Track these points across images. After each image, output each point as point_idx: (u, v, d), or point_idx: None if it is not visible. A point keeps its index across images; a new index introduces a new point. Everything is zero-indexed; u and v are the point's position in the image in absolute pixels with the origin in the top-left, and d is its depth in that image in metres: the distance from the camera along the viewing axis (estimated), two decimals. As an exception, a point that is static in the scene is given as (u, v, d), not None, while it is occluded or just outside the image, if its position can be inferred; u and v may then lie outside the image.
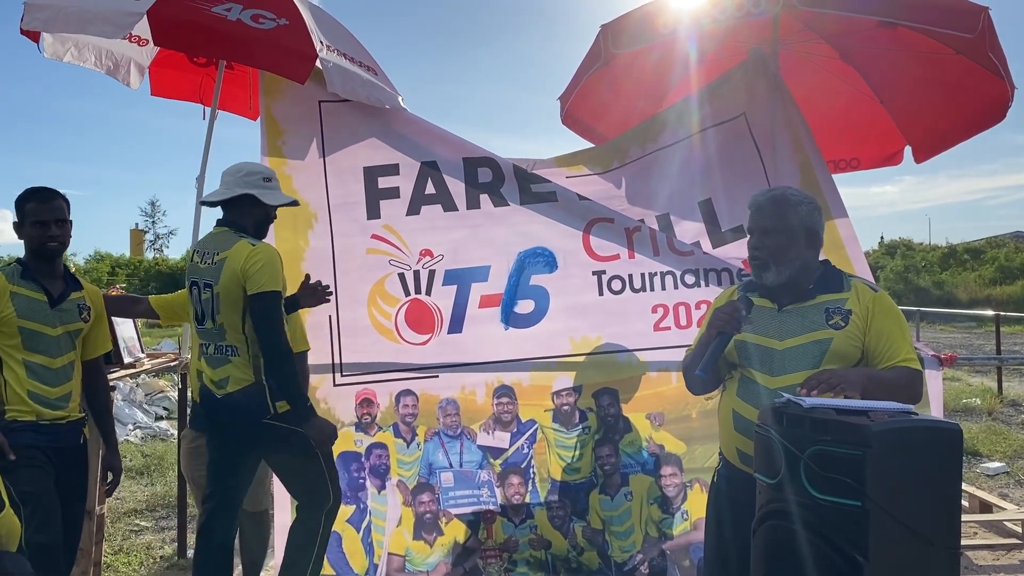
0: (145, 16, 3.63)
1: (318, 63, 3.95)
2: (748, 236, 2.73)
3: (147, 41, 4.91)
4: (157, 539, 5.14)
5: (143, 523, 5.51)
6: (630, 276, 4.24)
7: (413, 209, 4.28)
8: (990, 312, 15.24)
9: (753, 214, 2.70)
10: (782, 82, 4.36)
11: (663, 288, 4.20)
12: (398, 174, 4.28)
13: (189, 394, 3.96)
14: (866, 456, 1.73)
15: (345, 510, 4.11)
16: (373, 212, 4.28)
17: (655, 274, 4.21)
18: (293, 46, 3.90)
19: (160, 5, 3.68)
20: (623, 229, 4.24)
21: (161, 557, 4.81)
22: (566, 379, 4.20)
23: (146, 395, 9.59)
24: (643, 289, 4.21)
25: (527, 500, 4.13)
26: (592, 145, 4.96)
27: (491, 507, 4.14)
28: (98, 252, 40.43)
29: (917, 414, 1.89)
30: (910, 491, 1.73)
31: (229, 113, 5.30)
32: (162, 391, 9.89)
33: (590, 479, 4.13)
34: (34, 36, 4.29)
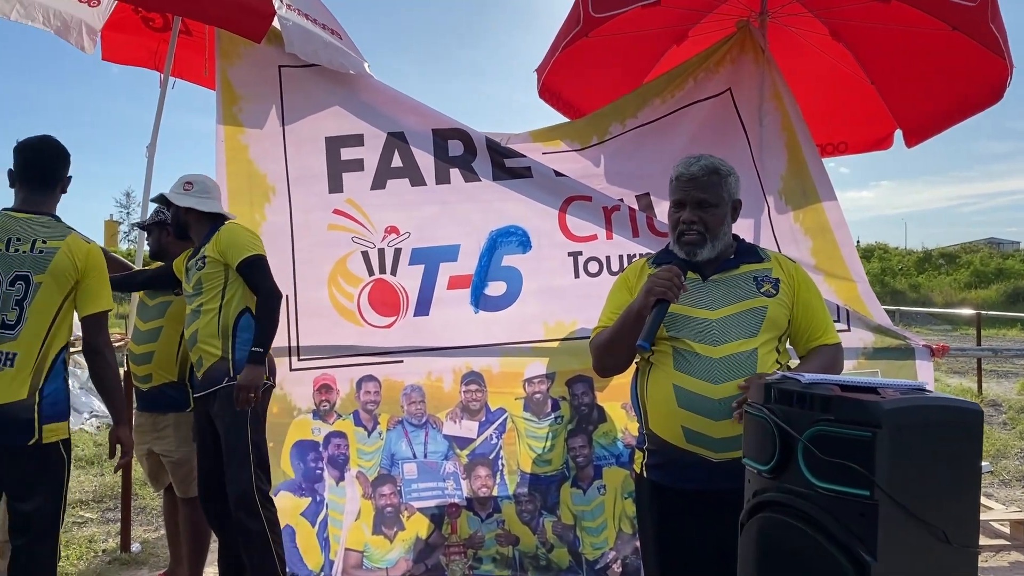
0: (86, -37, 3.34)
1: (276, 22, 3.70)
2: (674, 209, 2.56)
3: (98, 2, 4.62)
4: (101, 531, 4.84)
5: (88, 515, 5.20)
6: (608, 258, 4.01)
7: (378, 183, 4.03)
8: (970, 311, 15.23)
9: (683, 184, 2.52)
10: (770, 57, 4.15)
11: (642, 270, 3.96)
12: (362, 145, 4.03)
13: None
14: (876, 438, 1.49)
15: (300, 503, 3.86)
16: (335, 186, 4.02)
17: (634, 256, 3.97)
18: (249, 3, 3.65)
19: (104, -48, 3.40)
20: (601, 208, 4.01)
21: (104, 551, 4.51)
22: (538, 366, 3.96)
23: (105, 384, 9.22)
24: (621, 271, 3.96)
25: (495, 493, 3.89)
26: (569, 120, 4.72)
27: (456, 500, 3.89)
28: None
29: (931, 391, 1.66)
30: (925, 480, 1.50)
31: (185, 81, 4.99)
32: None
33: (562, 471, 3.89)
34: (-29, -12, 4.00)
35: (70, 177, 3.06)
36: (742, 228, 3.66)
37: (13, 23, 4.28)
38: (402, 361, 3.95)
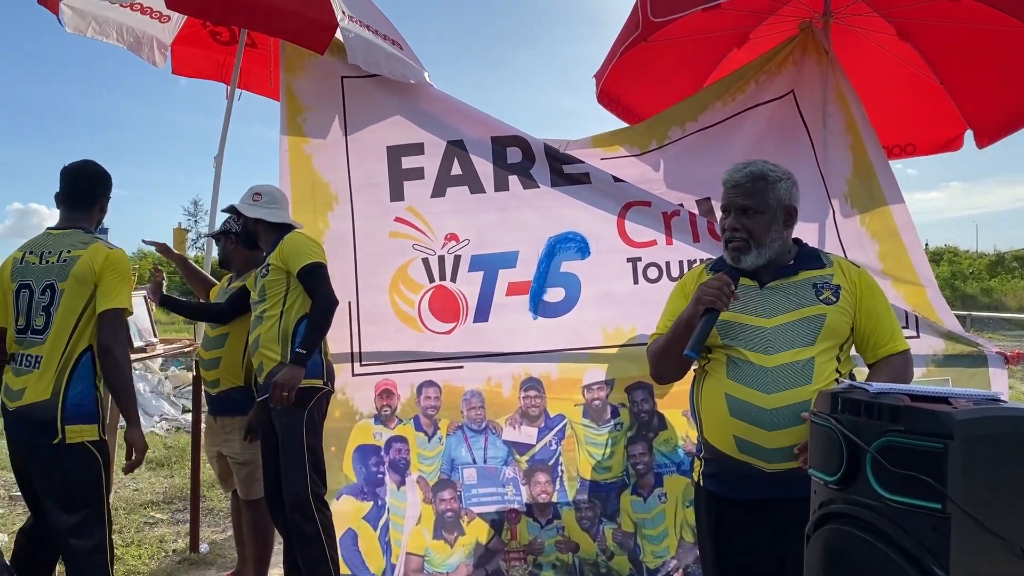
0: (158, -19, 3.46)
1: (339, 34, 3.77)
2: (722, 215, 2.52)
3: (168, 17, 4.78)
4: (171, 532, 4.98)
5: (159, 515, 5.35)
6: (667, 263, 3.98)
7: (438, 191, 4.07)
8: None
9: (728, 191, 2.49)
10: (834, 58, 4.07)
11: (703, 276, 3.92)
12: (423, 153, 4.08)
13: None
14: (948, 450, 1.45)
15: (362, 506, 3.91)
16: (396, 194, 4.08)
17: (694, 261, 3.94)
18: (313, 15, 3.73)
19: (173, -31, 3.51)
20: (661, 213, 3.99)
21: (174, 551, 4.63)
22: (597, 372, 3.95)
23: (174, 387, 9.50)
24: (681, 276, 3.93)
25: (554, 499, 3.89)
26: (628, 125, 4.70)
27: (516, 506, 3.90)
28: (142, 250, 41.13)
29: (1006, 401, 1.60)
30: (1000, 493, 1.45)
31: (251, 93, 5.11)
32: (190, 384, 9.80)
33: (622, 479, 3.87)
34: (51, 6, 4.17)
35: (109, 196, 3.22)
36: (806, 232, 3.60)
37: (89, 40, 4.45)
38: (462, 367, 3.98)
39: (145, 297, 4.61)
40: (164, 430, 8.22)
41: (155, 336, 4.53)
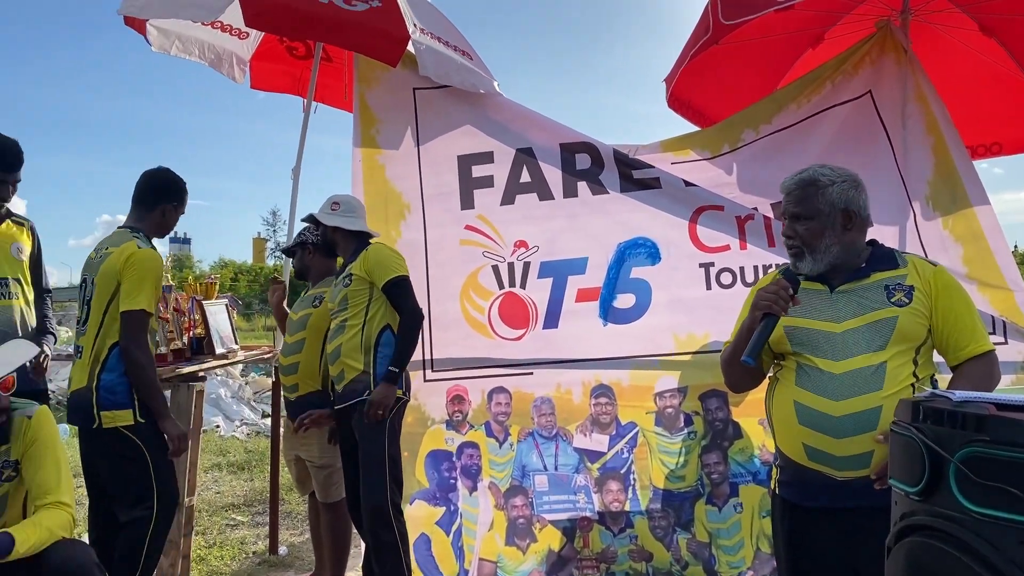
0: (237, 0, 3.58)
1: (411, 46, 3.84)
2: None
3: (247, 34, 4.94)
4: (252, 534, 5.12)
5: (239, 517, 5.52)
6: (742, 269, 3.92)
7: (507, 198, 4.10)
8: None
9: (784, 199, 2.50)
10: (913, 57, 3.94)
11: (778, 281, 3.84)
12: (492, 162, 4.12)
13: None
14: (1037, 461, 1.39)
15: (434, 512, 3.95)
16: (467, 202, 4.12)
17: (769, 266, 3.86)
18: (385, 28, 3.80)
19: (252, -12, 3.63)
20: (734, 218, 3.92)
21: (254, 552, 4.77)
22: (670, 379, 3.91)
23: (254, 393, 9.77)
24: (756, 282, 3.86)
25: (627, 508, 3.86)
26: (699, 129, 4.64)
27: (588, 514, 3.88)
28: (222, 259, 42.62)
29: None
30: (1096, 507, 1.38)
31: (326, 106, 5.24)
32: (269, 390, 10.07)
33: (696, 488, 3.82)
34: (139, 27, 4.36)
35: (175, 204, 3.38)
36: (886, 236, 3.49)
37: (172, 57, 4.64)
38: (532, 373, 3.99)
39: (227, 305, 4.76)
40: (244, 434, 8.46)
41: (236, 343, 4.67)
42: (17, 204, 3.67)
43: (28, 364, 3.32)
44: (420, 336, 3.88)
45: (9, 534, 2.37)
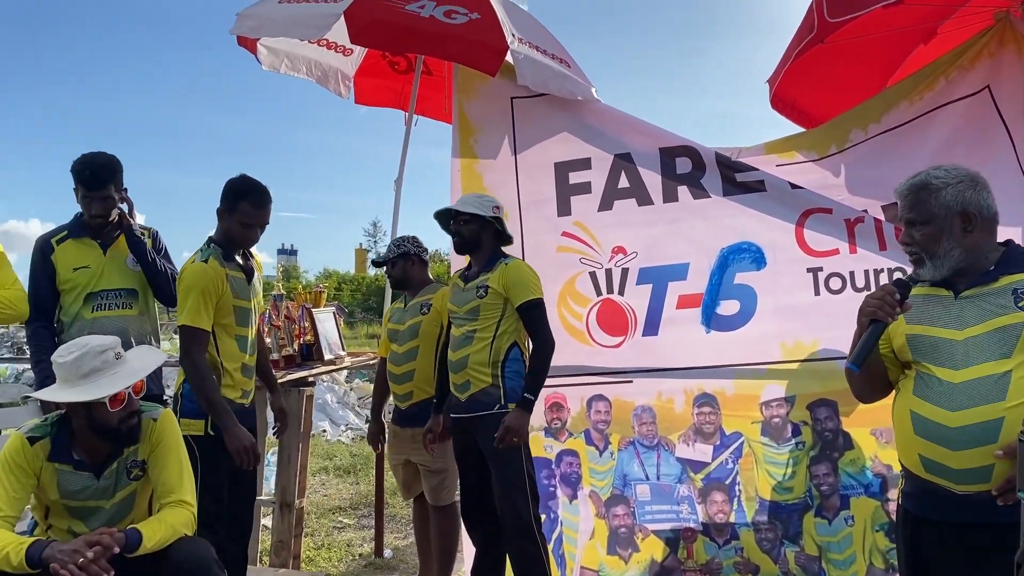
0: (342, 17, 3.70)
1: (509, 56, 3.87)
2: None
3: (351, 51, 5.09)
4: (358, 536, 5.25)
5: (346, 520, 5.67)
6: (852, 273, 3.76)
7: (605, 204, 4.07)
8: None
9: (899, 204, 2.41)
10: (1037, 48, 3.71)
11: (891, 286, 3.68)
12: (590, 168, 4.10)
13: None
14: None
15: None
16: (564, 208, 4.12)
17: (881, 271, 3.71)
18: (484, 39, 3.86)
19: (356, 6, 3.76)
20: (843, 221, 3.78)
21: (360, 555, 4.88)
22: (776, 388, 3.79)
23: (359, 398, 10.03)
24: (867, 288, 3.72)
25: (732, 519, 3.76)
26: (805, 130, 4.50)
27: (692, 525, 3.81)
28: (327, 270, 44.11)
29: None
30: None
31: (426, 118, 5.35)
32: (374, 396, 10.31)
33: (804, 500, 3.69)
34: (250, 47, 4.55)
35: (244, 213, 3.29)
36: (1007, 238, 3.30)
37: (274, 75, 4.83)
38: (631, 381, 3.95)
39: (334, 313, 4.91)
40: (349, 439, 8.69)
41: (343, 349, 4.81)
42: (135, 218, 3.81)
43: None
44: None
45: (138, 530, 2.51)
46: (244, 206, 3.27)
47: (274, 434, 3.83)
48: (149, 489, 2.80)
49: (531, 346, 3.56)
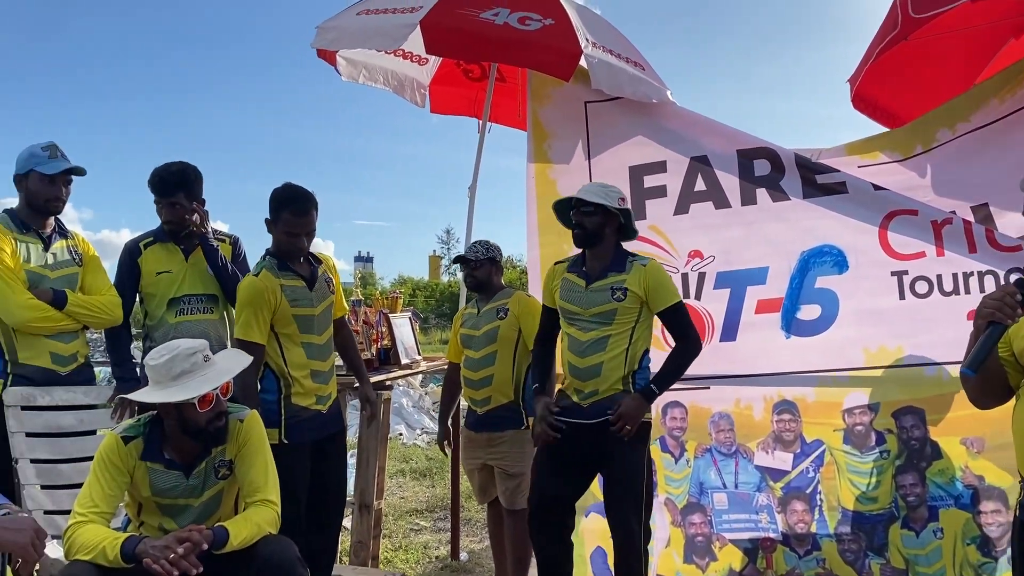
0: (418, 27, 3.77)
1: (583, 61, 3.88)
2: None
3: (427, 60, 5.17)
4: (434, 539, 5.31)
5: (422, 523, 5.74)
6: (939, 277, 3.64)
7: (681, 208, 4.04)
8: None
9: None
10: None
11: (982, 290, 3.54)
12: (665, 171, 4.07)
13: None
14: None
15: (610, 525, 3.92)
16: (638, 213, 4.08)
17: (971, 274, 3.57)
18: (558, 45, 3.88)
19: (431, 16, 3.82)
20: (929, 222, 3.65)
21: (436, 557, 4.94)
22: (860, 395, 3.69)
23: (433, 403, 10.14)
24: (955, 292, 3.59)
25: (813, 530, 3.67)
26: (888, 130, 4.37)
27: (771, 534, 3.73)
28: (401, 276, 44.87)
29: None
30: None
31: (500, 125, 5.38)
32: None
33: (890, 511, 3.58)
34: (330, 59, 4.67)
35: (283, 222, 3.34)
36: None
37: (358, 86, 4.95)
38: (708, 388, 3.89)
39: (410, 318, 4.99)
40: (425, 443, 8.79)
41: (419, 354, 4.89)
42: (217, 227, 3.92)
43: None
44: None
45: (225, 528, 2.59)
46: (286, 215, 3.31)
47: (363, 414, 3.94)
48: (236, 488, 2.89)
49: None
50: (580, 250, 3.48)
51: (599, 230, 3.35)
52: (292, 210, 3.32)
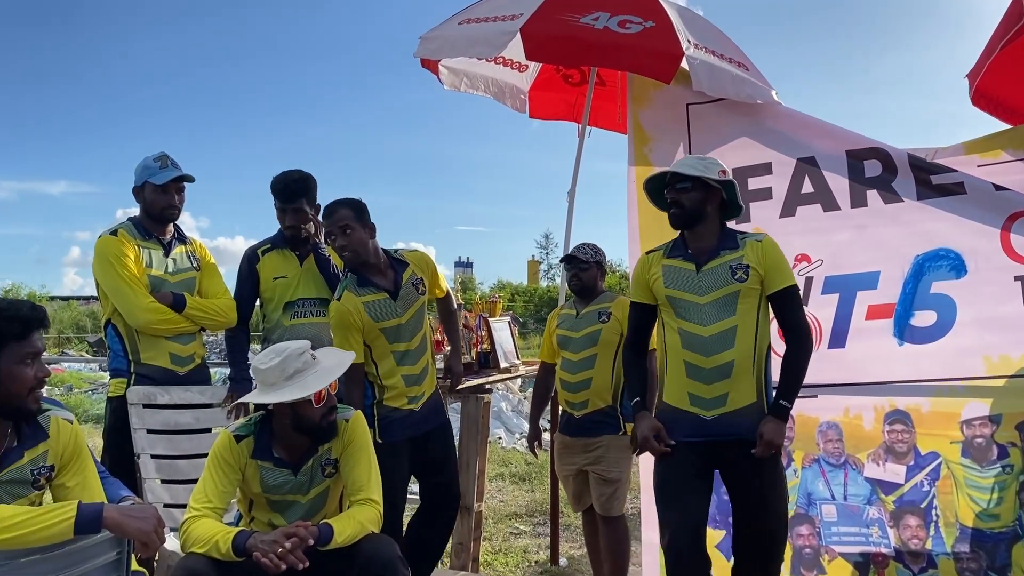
0: (519, 34, 3.80)
1: (684, 63, 3.83)
2: None
3: (527, 67, 5.22)
4: (533, 544, 5.33)
5: (522, 527, 5.76)
6: (1069, 282, 3.42)
7: (788, 210, 3.93)
8: None
9: None
10: None
11: (1115, 296, 3.31)
12: (771, 173, 3.97)
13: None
14: None
15: (714, 535, 3.85)
16: (743, 216, 4.00)
17: (1103, 278, 3.35)
18: (659, 47, 3.85)
19: (532, 23, 3.85)
20: (1058, 224, 3.45)
21: (536, 562, 4.95)
22: (979, 406, 3.50)
23: (533, 408, 10.19)
24: (1086, 297, 3.37)
25: (928, 547, 3.51)
26: (1010, 127, 4.14)
27: (883, 549, 3.58)
28: (500, 281, 45.31)
29: None
30: None
31: (599, 129, 5.37)
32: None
33: (1013, 529, 3.38)
34: (432, 68, 4.77)
35: (326, 233, 3.55)
36: None
37: (459, 94, 5.03)
38: (816, 396, 3.77)
39: (509, 322, 5.03)
40: (524, 447, 8.82)
41: (517, 357, 4.92)
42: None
43: None
44: None
45: (330, 525, 2.68)
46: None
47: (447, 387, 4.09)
48: (341, 486, 2.98)
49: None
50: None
51: (699, 208, 2.96)
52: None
